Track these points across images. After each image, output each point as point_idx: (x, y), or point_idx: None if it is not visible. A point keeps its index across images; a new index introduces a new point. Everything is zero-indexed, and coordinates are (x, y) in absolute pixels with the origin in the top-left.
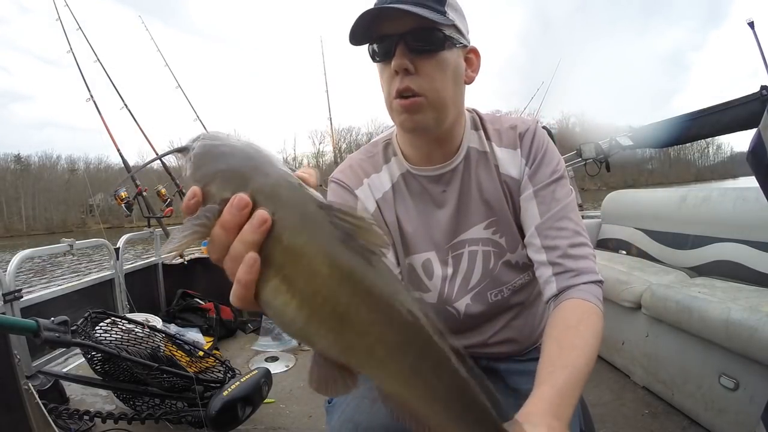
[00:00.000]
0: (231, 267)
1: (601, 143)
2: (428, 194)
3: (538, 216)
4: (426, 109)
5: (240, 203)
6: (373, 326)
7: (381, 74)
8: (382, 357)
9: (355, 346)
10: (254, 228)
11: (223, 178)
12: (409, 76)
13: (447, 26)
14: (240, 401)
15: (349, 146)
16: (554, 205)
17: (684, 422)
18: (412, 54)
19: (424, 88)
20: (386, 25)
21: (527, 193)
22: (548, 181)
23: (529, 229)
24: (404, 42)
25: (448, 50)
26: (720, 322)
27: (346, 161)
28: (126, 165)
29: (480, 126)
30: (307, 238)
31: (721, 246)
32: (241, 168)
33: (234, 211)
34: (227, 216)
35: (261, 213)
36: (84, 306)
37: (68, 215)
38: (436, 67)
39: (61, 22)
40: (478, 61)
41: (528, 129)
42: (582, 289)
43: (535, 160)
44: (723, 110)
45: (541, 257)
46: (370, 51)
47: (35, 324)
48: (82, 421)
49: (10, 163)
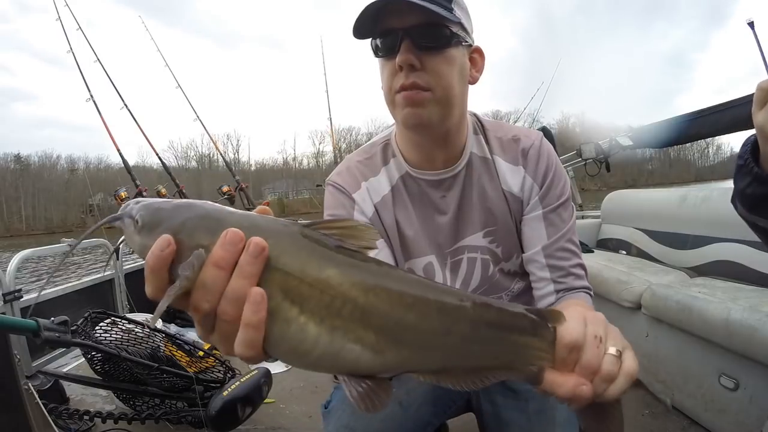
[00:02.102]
0: (231, 312)
1: (601, 143)
2: (428, 198)
3: (545, 237)
4: (431, 104)
5: (234, 237)
6: (392, 314)
7: (382, 69)
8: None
9: (384, 339)
10: (253, 258)
11: (194, 224)
12: (415, 71)
13: (454, 23)
14: (240, 401)
15: (349, 146)
16: (561, 227)
17: (684, 422)
18: (418, 50)
19: (431, 84)
20: (391, 19)
21: (535, 214)
22: (557, 204)
23: (534, 247)
24: (410, 37)
25: (454, 47)
26: (720, 322)
27: (343, 163)
28: (126, 165)
29: (480, 131)
30: (307, 256)
31: (721, 246)
32: (208, 212)
33: (228, 246)
34: (221, 253)
35: (256, 240)
36: (84, 306)
37: (68, 215)
38: (443, 63)
39: (61, 22)
40: (483, 61)
41: (532, 145)
42: (576, 296)
43: (545, 181)
44: (723, 110)
45: (545, 274)
46: (373, 45)
47: (35, 324)
48: (82, 421)
49: (10, 162)
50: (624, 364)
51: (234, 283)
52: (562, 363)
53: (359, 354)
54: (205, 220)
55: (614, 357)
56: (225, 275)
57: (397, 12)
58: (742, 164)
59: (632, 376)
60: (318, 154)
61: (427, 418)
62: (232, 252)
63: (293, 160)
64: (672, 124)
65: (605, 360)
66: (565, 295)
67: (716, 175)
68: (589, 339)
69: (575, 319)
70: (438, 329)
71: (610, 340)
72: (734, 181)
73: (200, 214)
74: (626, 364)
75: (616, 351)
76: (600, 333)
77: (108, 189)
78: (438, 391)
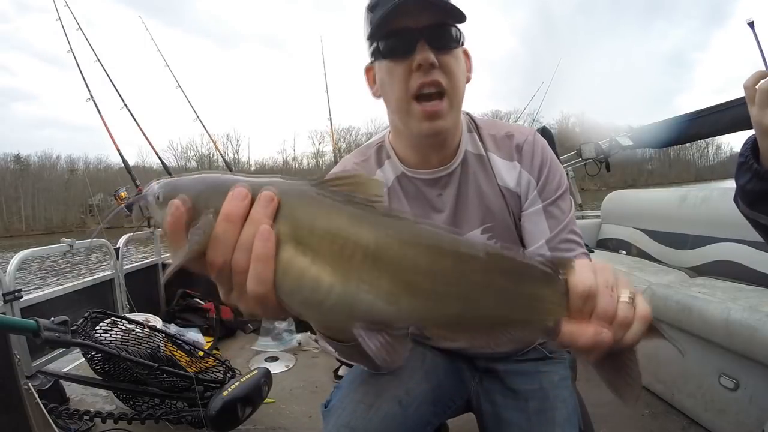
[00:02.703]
0: (244, 261)
1: (601, 143)
2: (424, 197)
3: (548, 231)
4: (447, 114)
5: (240, 192)
6: (404, 259)
7: (389, 73)
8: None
9: (397, 286)
10: (262, 208)
11: (205, 190)
12: (434, 70)
13: (460, 22)
14: (240, 401)
15: (349, 146)
16: (562, 219)
17: (684, 422)
18: (435, 49)
19: (448, 84)
20: (404, 20)
21: (536, 208)
22: (555, 197)
23: (537, 241)
24: (426, 37)
25: (460, 47)
26: (720, 322)
27: (339, 165)
28: (126, 165)
29: (474, 129)
30: (316, 207)
31: (721, 246)
32: (219, 178)
33: (236, 201)
34: (229, 207)
35: (266, 192)
36: (84, 306)
37: (68, 215)
38: (455, 63)
39: (61, 22)
40: (470, 61)
41: (526, 140)
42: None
43: (541, 175)
44: (723, 110)
45: None
46: (384, 47)
47: (35, 324)
48: (82, 421)
49: (10, 162)
50: (638, 309)
51: (245, 233)
52: (578, 313)
53: (373, 301)
54: (215, 186)
55: (628, 303)
56: (236, 228)
57: (410, 12)
58: (743, 161)
59: (647, 319)
60: (318, 154)
61: (426, 417)
62: (239, 206)
63: (293, 160)
64: (672, 124)
65: (620, 306)
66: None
67: (716, 175)
68: (601, 287)
69: (585, 268)
70: (451, 275)
71: (621, 286)
72: (736, 179)
73: (211, 181)
74: (640, 308)
75: (628, 297)
76: (611, 281)
77: (108, 189)
78: (438, 391)
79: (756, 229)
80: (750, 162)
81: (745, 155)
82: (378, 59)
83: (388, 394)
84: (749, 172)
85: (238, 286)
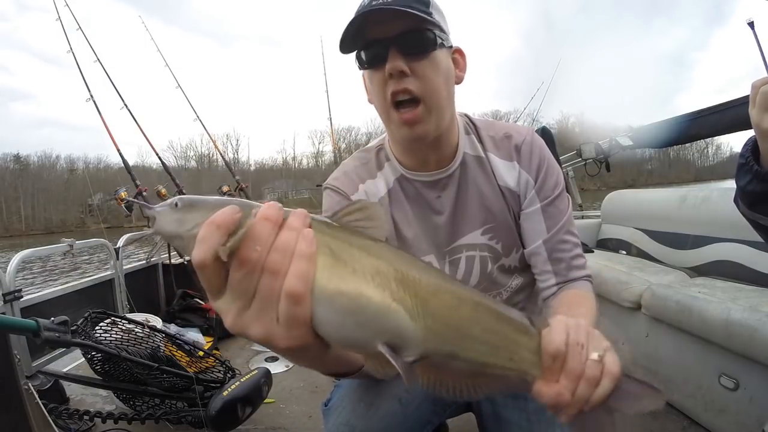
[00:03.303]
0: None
1: (601, 143)
2: (423, 199)
3: (545, 231)
4: (425, 118)
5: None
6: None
7: (371, 81)
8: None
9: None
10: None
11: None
12: (405, 78)
13: (435, 26)
14: (240, 401)
15: (349, 146)
16: (560, 218)
17: (684, 422)
18: (406, 56)
19: (421, 90)
20: (375, 30)
21: (534, 208)
22: (553, 196)
23: (535, 241)
24: (397, 45)
25: (438, 50)
26: (720, 322)
27: (339, 168)
28: (126, 165)
29: (472, 130)
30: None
31: (721, 246)
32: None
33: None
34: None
35: (300, 209)
36: (84, 306)
37: (67, 215)
38: (430, 67)
39: (61, 22)
40: (464, 60)
41: (524, 140)
42: (576, 286)
43: (539, 175)
44: (723, 110)
45: (547, 267)
46: (359, 58)
47: (35, 324)
48: (82, 421)
49: (10, 162)
50: (606, 366)
51: (283, 236)
52: (549, 371)
53: (402, 317)
54: (245, 205)
55: (597, 361)
56: (274, 228)
57: (381, 22)
58: (743, 162)
59: (615, 376)
60: (318, 154)
61: (426, 416)
62: (277, 213)
63: (293, 159)
64: (672, 124)
65: (588, 365)
66: (565, 285)
67: (716, 175)
68: (572, 346)
69: (559, 326)
70: (451, 303)
71: (591, 345)
72: (736, 180)
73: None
74: (608, 366)
75: (597, 356)
76: (581, 340)
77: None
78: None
79: (756, 230)
80: (750, 163)
81: (745, 156)
82: (362, 68)
83: (388, 392)
84: (749, 173)
85: (263, 294)
